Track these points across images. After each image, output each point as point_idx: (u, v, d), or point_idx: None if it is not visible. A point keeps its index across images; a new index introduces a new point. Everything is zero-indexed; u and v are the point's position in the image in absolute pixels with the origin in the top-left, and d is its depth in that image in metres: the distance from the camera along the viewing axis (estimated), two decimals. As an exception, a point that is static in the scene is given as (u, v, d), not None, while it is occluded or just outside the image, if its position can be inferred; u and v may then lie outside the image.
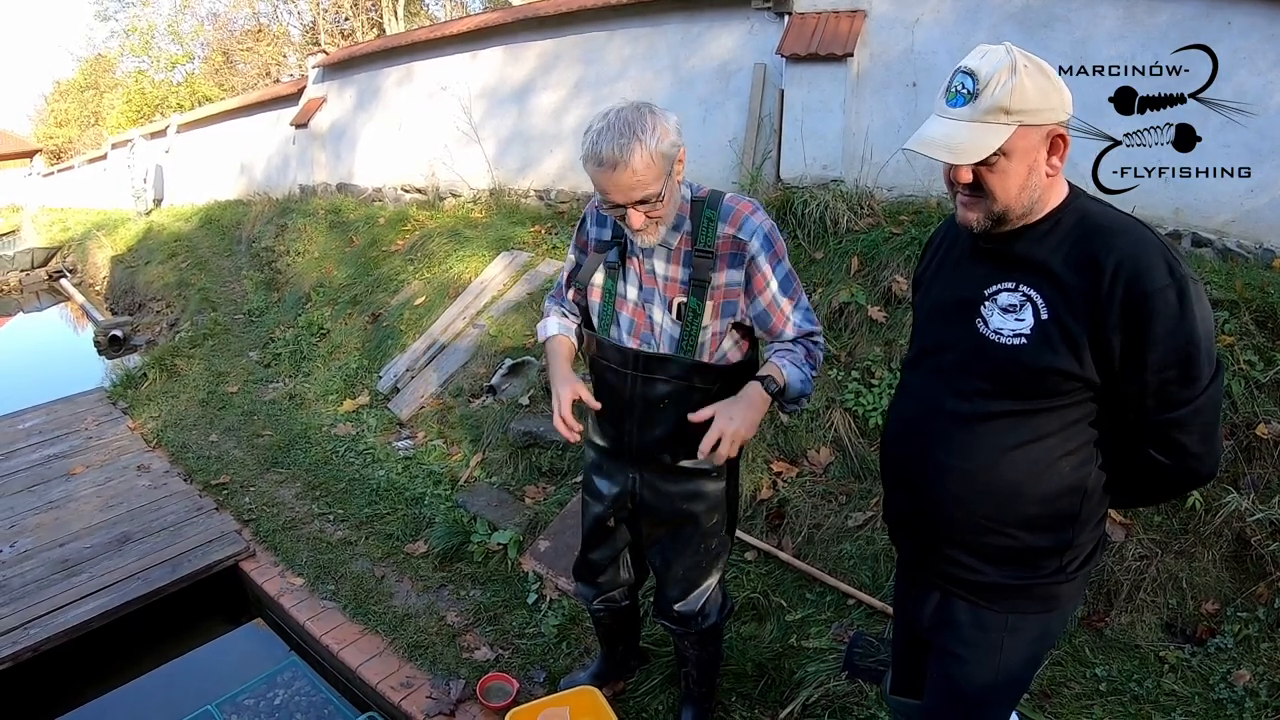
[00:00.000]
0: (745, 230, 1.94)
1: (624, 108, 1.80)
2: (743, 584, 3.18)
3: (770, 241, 1.96)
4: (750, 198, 2.03)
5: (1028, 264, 1.48)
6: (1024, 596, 1.60)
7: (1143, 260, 1.37)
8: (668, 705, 2.76)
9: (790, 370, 1.97)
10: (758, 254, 1.95)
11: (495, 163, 7.38)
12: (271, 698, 3.32)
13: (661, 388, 2.04)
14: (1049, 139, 1.41)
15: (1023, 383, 1.48)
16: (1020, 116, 1.38)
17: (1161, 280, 1.36)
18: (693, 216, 1.97)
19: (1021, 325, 1.47)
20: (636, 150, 1.74)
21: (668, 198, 1.85)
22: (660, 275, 2.02)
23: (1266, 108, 3.47)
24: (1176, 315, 1.36)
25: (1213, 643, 2.65)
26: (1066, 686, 2.61)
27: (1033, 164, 1.42)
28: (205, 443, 5.27)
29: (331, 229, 8.22)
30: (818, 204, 4.56)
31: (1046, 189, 1.45)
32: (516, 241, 6.23)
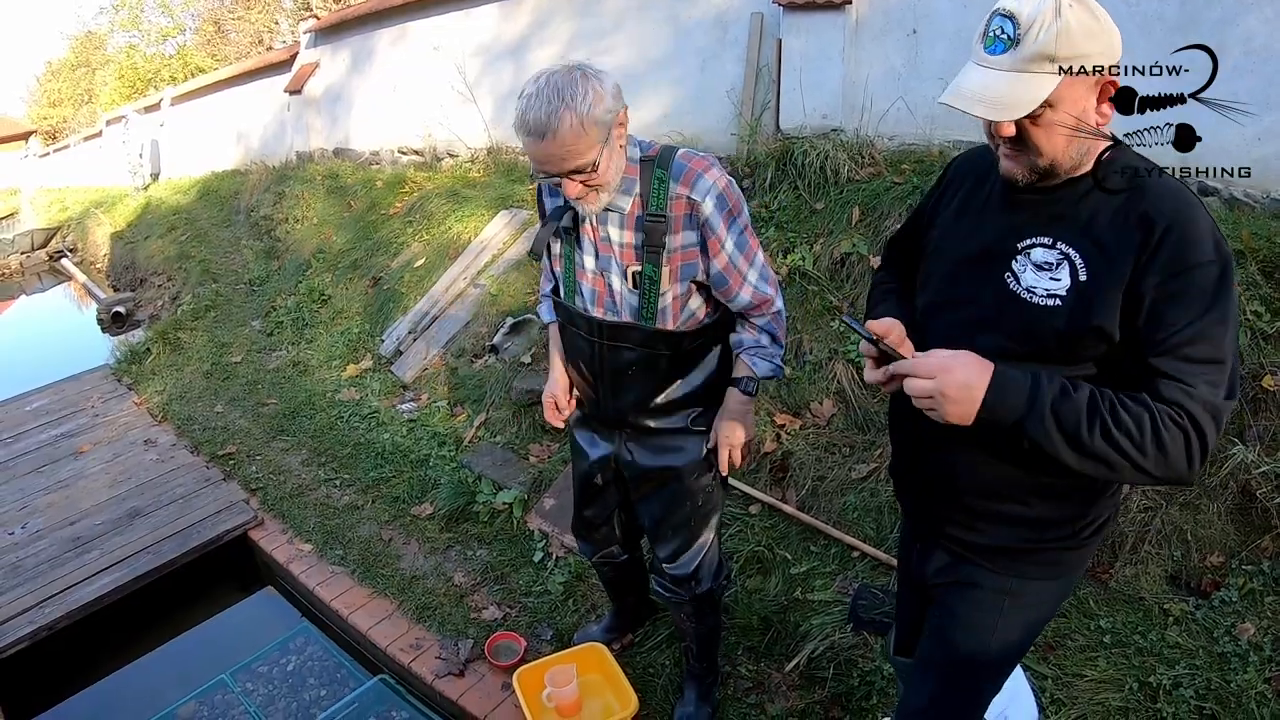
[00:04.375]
0: (698, 190, 1.85)
1: (555, 71, 1.69)
2: (747, 538, 3.18)
3: (724, 200, 1.88)
4: (704, 153, 1.91)
5: (1069, 219, 1.36)
6: (1028, 561, 1.54)
7: (1192, 230, 1.26)
8: (674, 659, 2.78)
9: (761, 366, 2.04)
10: (711, 215, 1.86)
11: (492, 121, 7.29)
12: (284, 664, 3.35)
13: (627, 354, 2.02)
14: (1099, 85, 1.28)
15: (1054, 347, 1.36)
16: (1068, 61, 1.24)
17: (1207, 254, 1.26)
18: (642, 178, 1.87)
19: (1057, 285, 1.35)
20: (565, 119, 1.65)
21: (605, 165, 1.76)
22: (615, 242, 1.94)
23: (1274, 53, 3.42)
24: (1213, 293, 1.25)
25: (1217, 596, 2.63)
26: (1070, 638, 2.61)
27: (1081, 114, 1.28)
28: (211, 414, 5.28)
29: (329, 194, 8.17)
30: (818, 154, 4.49)
31: (1093, 145, 1.32)
32: (515, 199, 6.17)
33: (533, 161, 1.76)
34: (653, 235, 1.88)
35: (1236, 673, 2.38)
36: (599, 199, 1.82)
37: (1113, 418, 1.25)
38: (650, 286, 1.92)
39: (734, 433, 2.07)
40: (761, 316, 2.03)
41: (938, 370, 1.31)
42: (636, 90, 6.01)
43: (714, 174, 1.86)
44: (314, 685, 3.24)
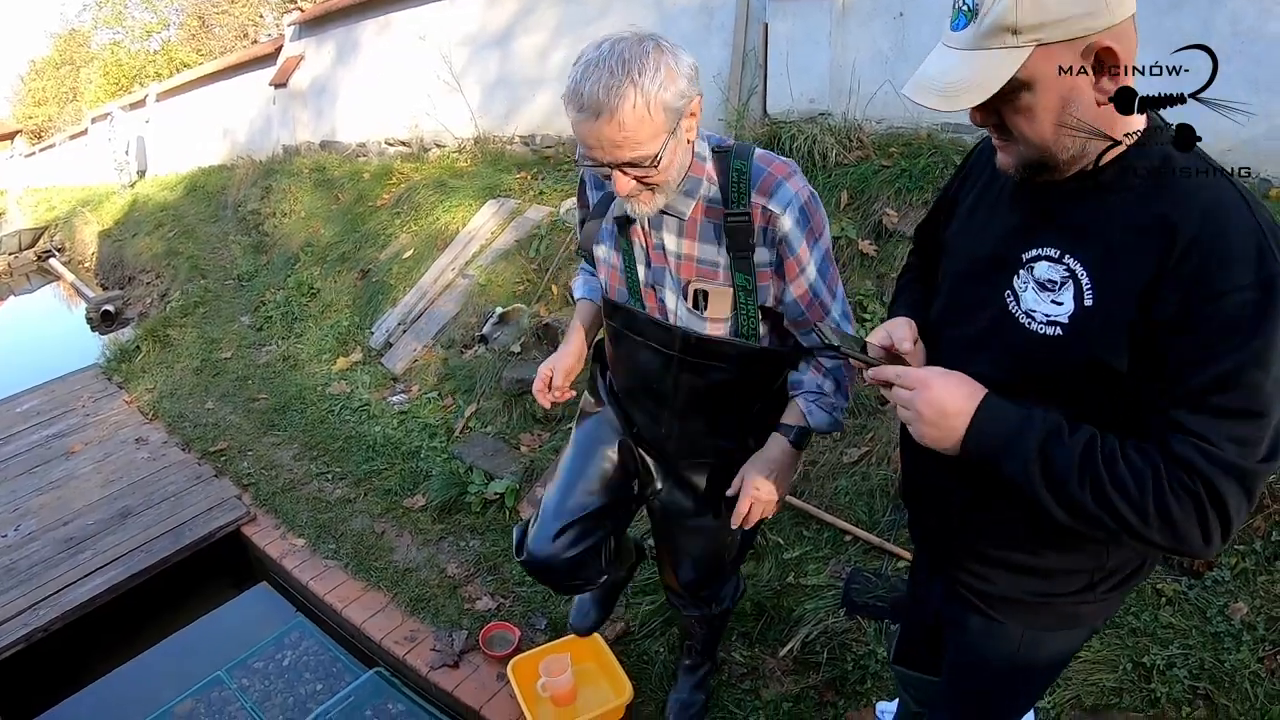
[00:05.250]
0: (778, 200, 1.55)
1: (623, 38, 1.42)
2: (741, 524, 3.17)
3: (806, 215, 1.57)
4: (785, 158, 1.62)
5: (1081, 223, 1.12)
6: (1041, 613, 1.35)
7: (1226, 242, 1.01)
8: (669, 647, 2.78)
9: (818, 416, 1.74)
10: (791, 231, 1.57)
11: (479, 111, 7.25)
12: (280, 659, 3.35)
13: (716, 375, 1.73)
14: (1091, 54, 1.02)
15: (1049, 383, 1.16)
16: (1036, 34, 1.00)
17: (1244, 276, 0.99)
18: (720, 171, 1.59)
19: (1059, 311, 1.13)
20: (629, 96, 1.37)
21: (669, 160, 1.47)
22: (671, 252, 1.66)
23: (1262, 34, 3.42)
24: (1250, 327, 0.99)
25: (1210, 576, 2.63)
26: (1064, 617, 2.61)
27: (1069, 92, 1.04)
28: (201, 410, 5.26)
29: (317, 187, 8.13)
30: (805, 138, 4.48)
31: (1107, 124, 1.07)
32: (503, 189, 6.14)
33: (581, 144, 1.47)
34: (738, 238, 1.59)
35: (1230, 652, 2.38)
36: (654, 200, 1.54)
37: (1109, 472, 1.05)
38: (746, 299, 1.64)
39: (764, 487, 1.74)
40: (833, 358, 1.75)
41: (917, 384, 1.16)
42: (623, 77, 5.97)
43: (796, 182, 1.58)
44: (310, 680, 3.24)
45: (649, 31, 1.45)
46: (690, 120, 1.49)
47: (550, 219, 5.31)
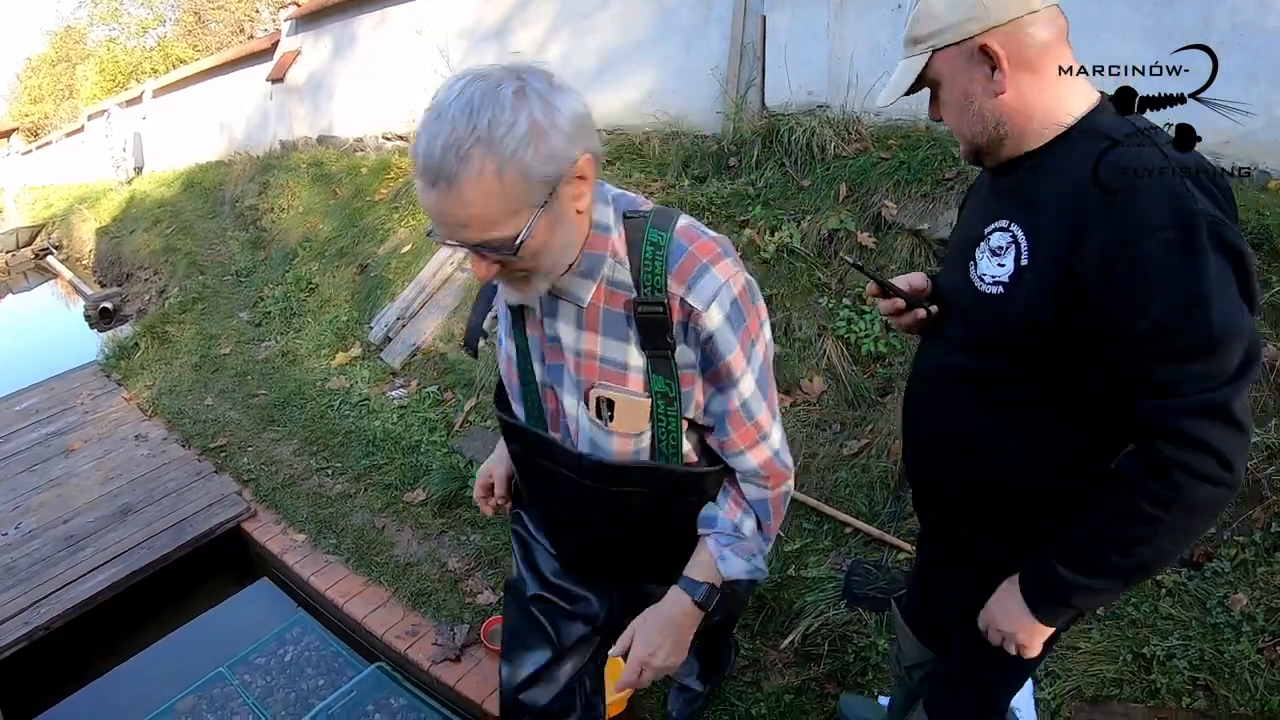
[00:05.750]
0: (700, 292, 1.23)
1: (482, 76, 1.06)
2: (741, 516, 3.17)
3: (740, 311, 1.26)
4: (713, 233, 1.29)
5: (1021, 196, 1.26)
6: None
7: (1141, 193, 1.10)
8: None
9: (732, 564, 1.38)
10: (719, 332, 1.25)
11: (476, 106, 7.23)
12: (282, 655, 3.35)
13: (640, 500, 1.40)
14: (974, 54, 1.20)
15: (1000, 339, 1.28)
16: (930, 41, 1.23)
17: (1156, 219, 1.07)
18: (631, 246, 1.26)
19: (1001, 272, 1.26)
20: (473, 162, 1.02)
21: (539, 243, 1.13)
22: (569, 347, 1.33)
23: (1261, 28, 3.40)
24: (1168, 269, 1.07)
25: (1209, 567, 2.63)
26: (1064, 608, 2.61)
27: (966, 86, 1.23)
28: (201, 407, 5.25)
29: (314, 182, 8.11)
30: (804, 130, 4.47)
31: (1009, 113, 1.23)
32: (501, 184, 6.12)
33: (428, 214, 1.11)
34: (652, 334, 1.26)
35: (1230, 643, 2.38)
36: (531, 287, 1.22)
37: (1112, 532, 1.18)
38: (668, 410, 1.31)
39: (659, 653, 1.41)
40: (762, 488, 1.40)
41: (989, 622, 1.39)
42: (621, 70, 5.97)
43: (726, 267, 1.25)
44: (312, 675, 3.24)
45: (525, 64, 1.10)
46: (577, 186, 1.14)
47: (549, 213, 5.30)
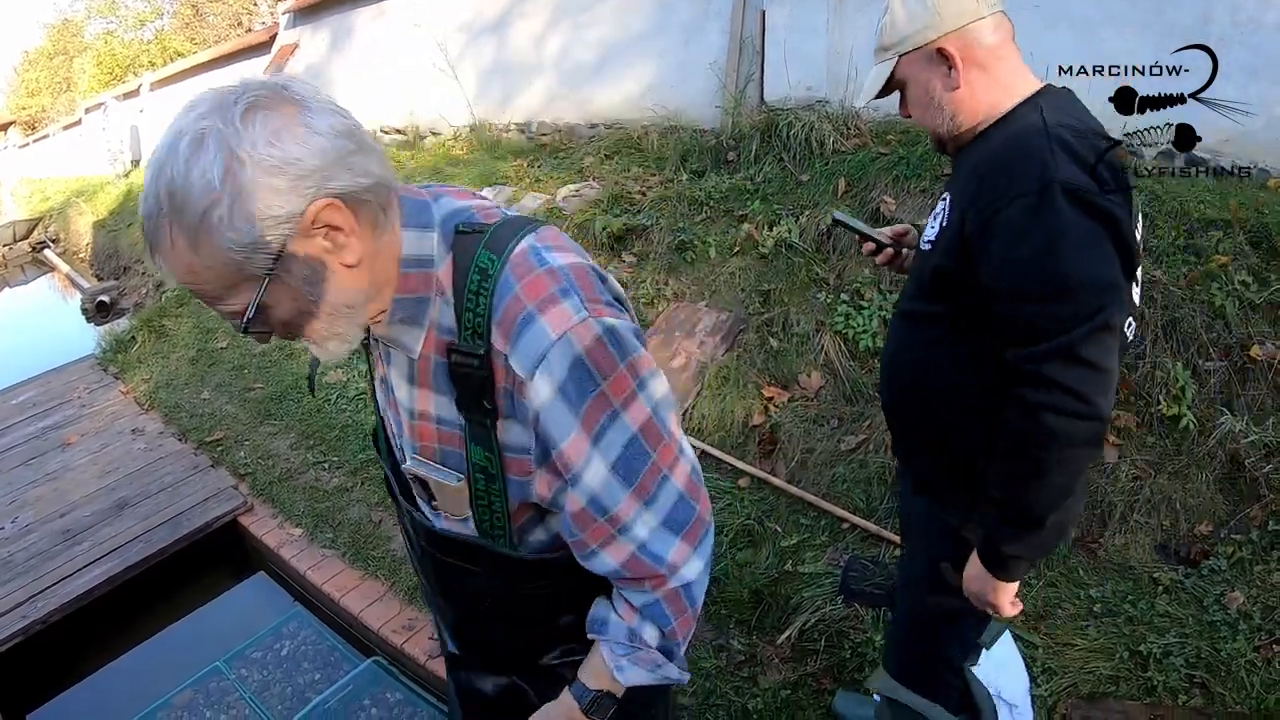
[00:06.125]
0: (525, 351, 0.95)
1: (199, 103, 0.87)
2: (736, 510, 3.17)
3: (591, 378, 0.95)
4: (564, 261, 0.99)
5: (957, 172, 1.50)
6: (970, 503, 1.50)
7: (1011, 162, 1.30)
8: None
9: (631, 674, 1.14)
10: (550, 409, 0.96)
11: (475, 98, 7.22)
12: (278, 649, 3.35)
13: (479, 582, 1.19)
14: (933, 56, 1.43)
15: (925, 285, 1.50)
16: (896, 48, 1.45)
17: (1020, 186, 1.27)
18: (458, 279, 1.00)
19: (931, 232, 1.51)
20: (164, 236, 0.86)
21: (292, 310, 0.94)
22: (404, 404, 1.12)
23: (1262, 24, 3.40)
24: (1018, 231, 1.26)
25: (1206, 565, 2.64)
26: (1060, 607, 2.62)
27: (927, 85, 1.45)
28: (198, 400, 5.24)
29: (313, 178, 8.09)
30: (803, 125, 4.47)
31: (963, 105, 1.43)
32: (500, 176, 6.11)
33: None
34: (468, 391, 1.00)
35: (1226, 641, 2.39)
36: (325, 350, 1.01)
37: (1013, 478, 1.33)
38: (488, 487, 1.07)
39: None
40: (641, 592, 1.10)
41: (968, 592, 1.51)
42: (620, 64, 5.96)
43: (562, 315, 0.94)
44: (308, 669, 3.24)
45: (260, 81, 0.89)
46: (329, 238, 0.91)
47: (547, 206, 5.28)
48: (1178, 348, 3.00)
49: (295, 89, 0.91)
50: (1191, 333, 2.99)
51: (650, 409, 1.01)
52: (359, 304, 0.98)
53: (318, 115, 0.89)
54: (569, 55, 6.37)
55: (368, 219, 0.94)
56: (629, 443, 0.99)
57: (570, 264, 0.99)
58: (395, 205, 0.99)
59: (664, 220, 4.59)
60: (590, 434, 0.97)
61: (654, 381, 1.02)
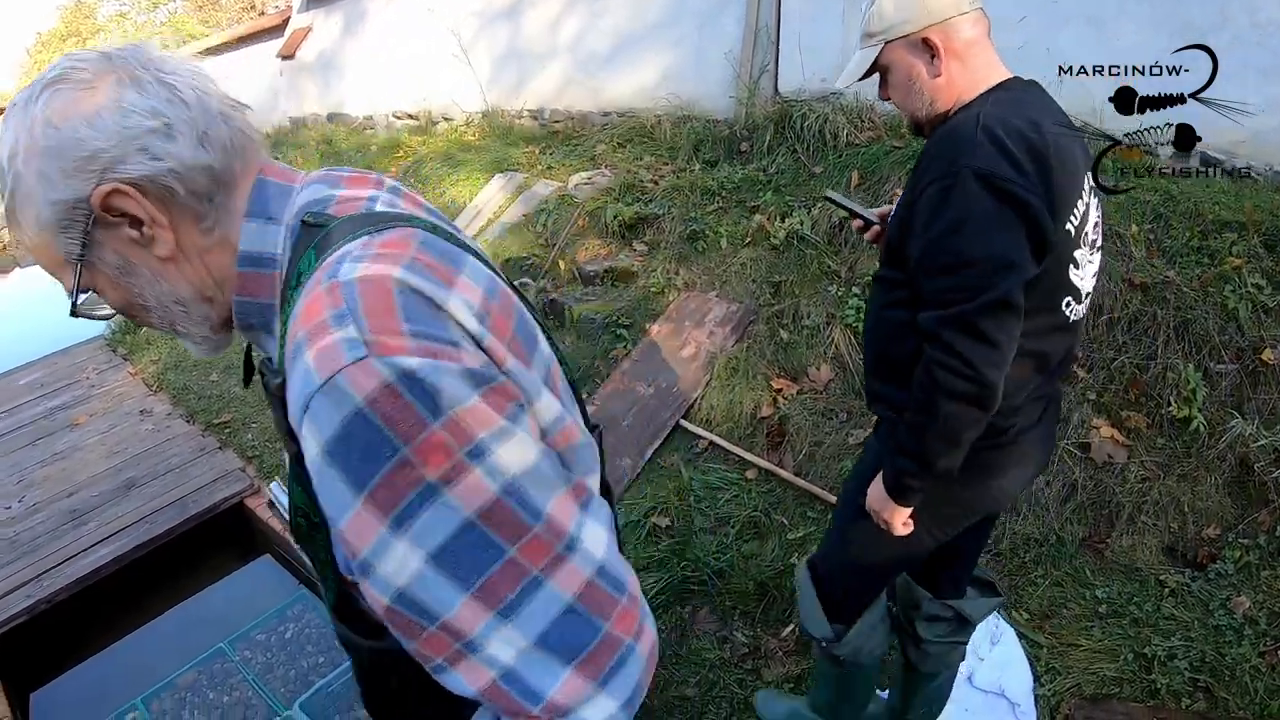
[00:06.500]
0: (292, 397, 0.75)
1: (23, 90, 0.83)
2: (743, 502, 3.16)
3: (368, 448, 0.71)
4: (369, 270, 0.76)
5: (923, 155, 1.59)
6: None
7: (937, 152, 1.46)
8: (670, 625, 2.77)
9: None
10: (318, 478, 0.74)
11: (488, 84, 7.20)
12: (282, 631, 3.37)
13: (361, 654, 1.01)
14: (918, 45, 1.52)
15: (887, 257, 1.65)
16: (883, 35, 1.54)
17: (936, 173, 1.42)
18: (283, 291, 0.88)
19: (895, 209, 1.63)
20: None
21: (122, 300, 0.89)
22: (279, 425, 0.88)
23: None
24: (932, 210, 1.42)
25: (1213, 568, 2.62)
26: (1066, 607, 2.60)
27: (911, 70, 1.54)
28: (206, 383, 5.25)
29: (324, 159, 8.10)
30: (817, 117, 4.43)
31: (940, 92, 1.54)
32: (512, 162, 6.10)
33: None
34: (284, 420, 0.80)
35: (1231, 646, 2.37)
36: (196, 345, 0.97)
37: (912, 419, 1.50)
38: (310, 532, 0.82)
39: None
40: None
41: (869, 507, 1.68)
42: (634, 52, 5.93)
43: (328, 354, 0.71)
44: (312, 653, 3.25)
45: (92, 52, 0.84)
46: (136, 227, 0.83)
47: (559, 194, 5.27)
48: (1189, 349, 2.98)
49: (130, 60, 0.83)
50: (1204, 335, 2.96)
51: (498, 487, 0.73)
52: (189, 301, 0.90)
53: (138, 90, 0.81)
54: (583, 43, 6.34)
55: (185, 209, 0.84)
56: (461, 531, 0.72)
57: (371, 276, 0.75)
58: (239, 193, 0.88)
59: (676, 209, 4.57)
60: (386, 516, 0.71)
61: (505, 447, 0.74)
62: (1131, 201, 3.35)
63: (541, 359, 0.89)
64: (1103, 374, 3.05)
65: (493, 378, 0.76)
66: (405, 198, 0.97)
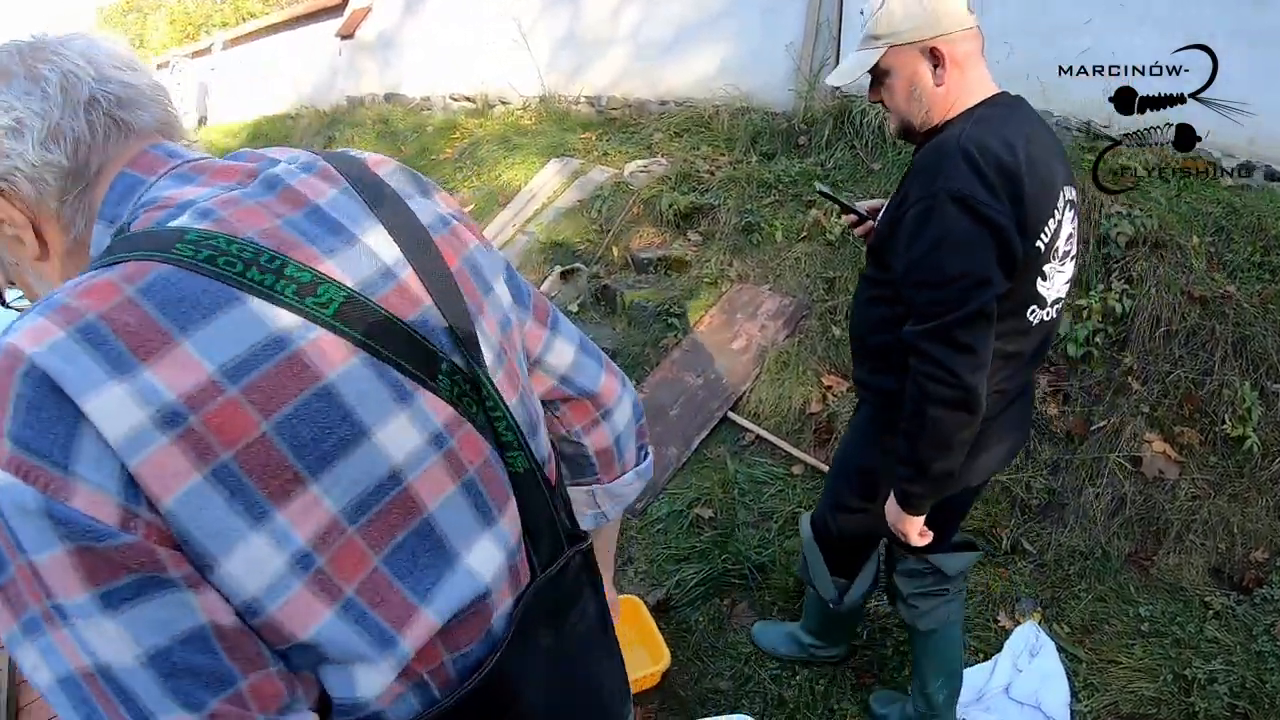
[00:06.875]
0: None
1: None
2: (788, 498, 3.16)
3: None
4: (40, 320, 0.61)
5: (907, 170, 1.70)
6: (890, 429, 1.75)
7: (918, 172, 1.57)
8: (709, 617, 2.78)
9: None
10: None
11: (546, 69, 7.22)
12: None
13: None
14: (925, 53, 1.57)
15: (871, 262, 1.78)
16: (888, 39, 1.58)
17: (916, 193, 1.53)
18: None
19: (881, 221, 1.73)
20: None
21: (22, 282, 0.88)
22: None
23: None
24: (914, 229, 1.53)
25: (1259, 593, 2.58)
26: (1108, 623, 2.58)
27: (913, 77, 1.60)
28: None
29: (380, 138, 8.18)
30: (876, 113, 4.40)
31: (938, 101, 1.60)
32: (567, 148, 6.12)
33: None
34: None
35: (1273, 673, 2.34)
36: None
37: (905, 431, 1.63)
38: None
39: None
40: None
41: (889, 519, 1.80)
42: (694, 42, 5.92)
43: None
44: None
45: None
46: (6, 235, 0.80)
47: (614, 180, 5.29)
48: (1247, 366, 2.92)
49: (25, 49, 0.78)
50: (1261, 353, 2.90)
51: (90, 664, 0.60)
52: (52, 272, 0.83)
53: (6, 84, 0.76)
54: (643, 31, 6.34)
55: (46, 213, 0.78)
56: (65, 682, 0.61)
57: (7, 348, 0.61)
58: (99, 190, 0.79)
59: (731, 201, 4.57)
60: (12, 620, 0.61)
61: (91, 630, 0.59)
62: (1194, 213, 3.29)
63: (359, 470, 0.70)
64: (1157, 387, 3.00)
65: (92, 534, 0.58)
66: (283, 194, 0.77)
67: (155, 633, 0.60)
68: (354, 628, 0.69)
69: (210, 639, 0.62)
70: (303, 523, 0.65)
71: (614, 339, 4.16)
